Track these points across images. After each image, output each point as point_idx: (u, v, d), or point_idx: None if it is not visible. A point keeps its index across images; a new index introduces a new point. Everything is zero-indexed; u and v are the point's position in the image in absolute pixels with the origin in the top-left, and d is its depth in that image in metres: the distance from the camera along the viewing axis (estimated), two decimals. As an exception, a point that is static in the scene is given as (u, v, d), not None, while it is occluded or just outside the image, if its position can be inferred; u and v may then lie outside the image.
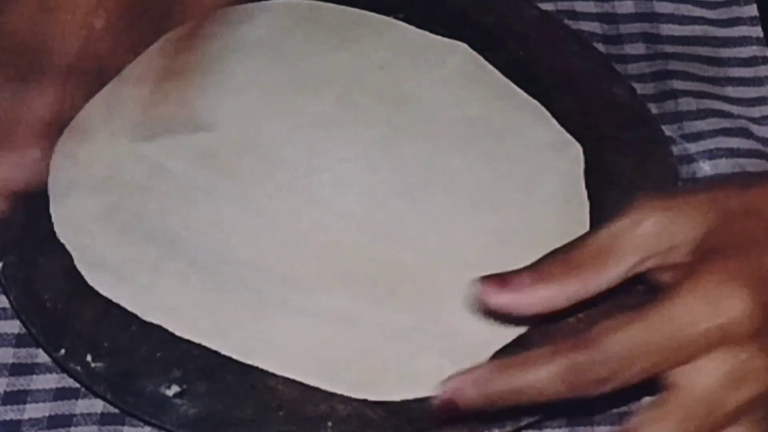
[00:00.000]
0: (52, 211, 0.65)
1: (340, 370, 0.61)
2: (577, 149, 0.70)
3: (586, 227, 0.66)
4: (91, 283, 0.63)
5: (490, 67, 0.73)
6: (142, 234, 0.65)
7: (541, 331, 0.62)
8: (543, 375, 0.51)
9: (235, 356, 0.61)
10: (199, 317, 0.62)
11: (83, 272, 0.63)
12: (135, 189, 0.67)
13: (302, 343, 0.61)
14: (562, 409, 0.61)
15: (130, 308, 0.62)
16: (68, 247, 0.64)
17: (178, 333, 0.61)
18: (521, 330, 0.62)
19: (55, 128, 0.62)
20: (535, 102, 0.72)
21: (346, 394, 0.60)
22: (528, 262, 0.64)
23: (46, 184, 0.66)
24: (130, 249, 0.64)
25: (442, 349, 0.61)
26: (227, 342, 0.61)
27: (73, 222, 0.65)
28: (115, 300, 0.62)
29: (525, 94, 0.72)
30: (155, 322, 0.62)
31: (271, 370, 0.60)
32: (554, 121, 0.71)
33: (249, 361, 0.60)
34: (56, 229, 0.65)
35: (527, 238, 0.66)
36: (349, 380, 0.60)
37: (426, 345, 0.62)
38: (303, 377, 0.60)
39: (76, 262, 0.63)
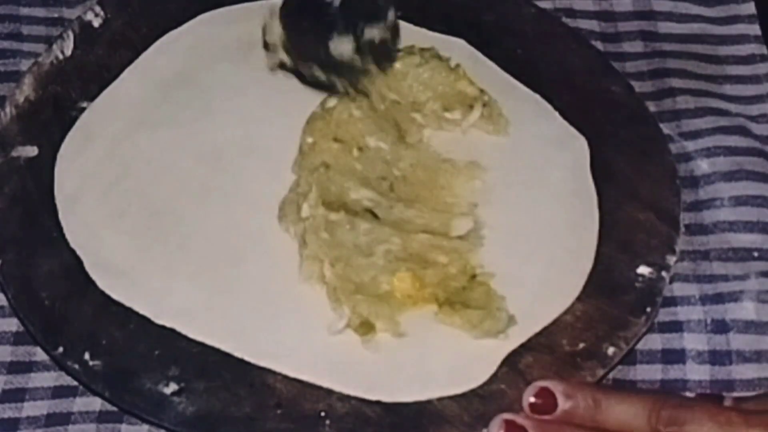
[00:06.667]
0: (60, 216, 0.65)
1: (351, 371, 0.61)
2: (582, 143, 0.70)
3: (596, 221, 0.66)
4: (102, 287, 0.63)
5: (490, 62, 0.73)
6: (152, 237, 0.65)
7: (543, 333, 0.62)
8: None
9: (248, 358, 0.61)
10: (211, 320, 0.62)
11: (94, 277, 0.63)
12: (143, 192, 0.67)
13: (315, 344, 0.61)
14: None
15: (143, 312, 0.62)
16: (79, 252, 0.64)
17: (190, 335, 0.61)
18: (529, 335, 0.62)
19: None
20: (537, 96, 0.72)
21: (357, 395, 0.60)
22: (538, 258, 0.65)
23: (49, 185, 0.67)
24: (141, 253, 0.64)
25: (453, 352, 0.61)
26: (240, 344, 0.61)
27: (82, 227, 0.65)
28: (128, 304, 0.62)
29: (526, 89, 0.72)
30: (168, 325, 0.62)
31: (282, 371, 0.60)
32: (557, 115, 0.71)
33: (262, 364, 0.60)
34: (67, 235, 0.64)
35: (537, 234, 0.66)
36: (360, 381, 0.60)
37: (436, 347, 0.62)
38: (314, 379, 0.60)
39: (87, 267, 0.63)
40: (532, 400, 0.58)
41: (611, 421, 0.57)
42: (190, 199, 0.66)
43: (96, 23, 0.73)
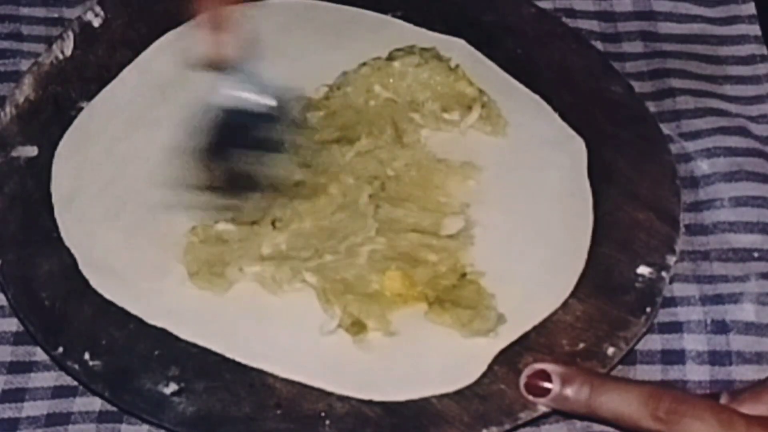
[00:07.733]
0: (57, 215, 0.65)
1: (344, 371, 0.61)
2: (580, 144, 0.70)
3: (590, 221, 0.66)
4: (95, 286, 0.63)
5: (490, 62, 0.73)
6: (147, 237, 0.65)
7: (539, 331, 0.62)
8: None
9: (239, 359, 0.61)
10: (202, 320, 0.62)
11: (87, 276, 0.63)
12: (138, 191, 0.66)
13: (308, 345, 0.61)
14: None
15: (134, 311, 0.62)
16: (73, 250, 0.64)
17: (182, 336, 0.61)
18: (519, 333, 0.62)
19: None
20: (537, 96, 0.72)
21: (350, 395, 0.60)
22: (530, 257, 0.65)
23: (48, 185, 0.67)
24: (135, 252, 0.64)
25: (444, 350, 0.61)
26: (231, 345, 0.61)
27: (77, 225, 0.65)
28: (119, 304, 0.62)
29: (526, 89, 0.72)
30: (159, 325, 0.62)
31: (275, 372, 0.60)
32: (556, 116, 0.71)
33: (253, 364, 0.60)
34: (62, 233, 0.64)
35: (529, 233, 0.66)
36: (353, 381, 0.60)
37: (427, 346, 0.62)
38: (307, 379, 0.60)
39: (80, 266, 0.63)
40: (528, 381, 0.59)
41: (605, 408, 0.57)
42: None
43: (96, 23, 0.73)
